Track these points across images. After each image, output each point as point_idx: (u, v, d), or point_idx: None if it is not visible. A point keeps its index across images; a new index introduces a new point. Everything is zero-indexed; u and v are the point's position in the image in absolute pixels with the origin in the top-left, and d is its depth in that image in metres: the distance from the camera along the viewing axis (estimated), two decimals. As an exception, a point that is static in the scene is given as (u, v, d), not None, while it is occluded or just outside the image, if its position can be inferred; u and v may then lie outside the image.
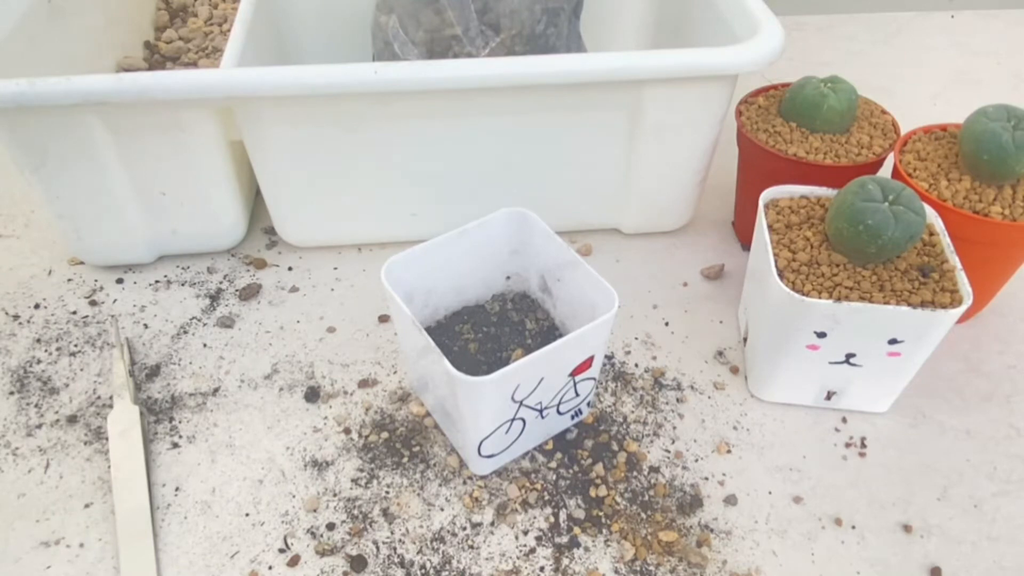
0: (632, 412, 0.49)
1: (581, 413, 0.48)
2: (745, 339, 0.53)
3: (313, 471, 0.46)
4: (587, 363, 0.43)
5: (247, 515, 0.44)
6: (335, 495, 0.45)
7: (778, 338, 0.46)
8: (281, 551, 0.42)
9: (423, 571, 0.42)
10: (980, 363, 0.53)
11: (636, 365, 0.52)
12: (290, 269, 0.60)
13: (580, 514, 0.44)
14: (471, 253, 0.49)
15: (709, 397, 0.50)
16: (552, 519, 0.44)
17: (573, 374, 0.43)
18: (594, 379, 0.46)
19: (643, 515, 0.44)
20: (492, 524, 0.44)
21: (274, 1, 0.65)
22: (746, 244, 0.61)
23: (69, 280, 0.59)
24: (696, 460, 0.47)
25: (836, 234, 0.44)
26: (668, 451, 0.47)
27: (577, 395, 0.46)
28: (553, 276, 0.49)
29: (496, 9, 0.57)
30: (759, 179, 0.52)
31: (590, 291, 0.44)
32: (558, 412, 0.46)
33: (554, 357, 0.40)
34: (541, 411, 0.44)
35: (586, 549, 0.43)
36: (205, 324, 0.55)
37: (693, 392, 0.51)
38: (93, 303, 0.57)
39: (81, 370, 0.52)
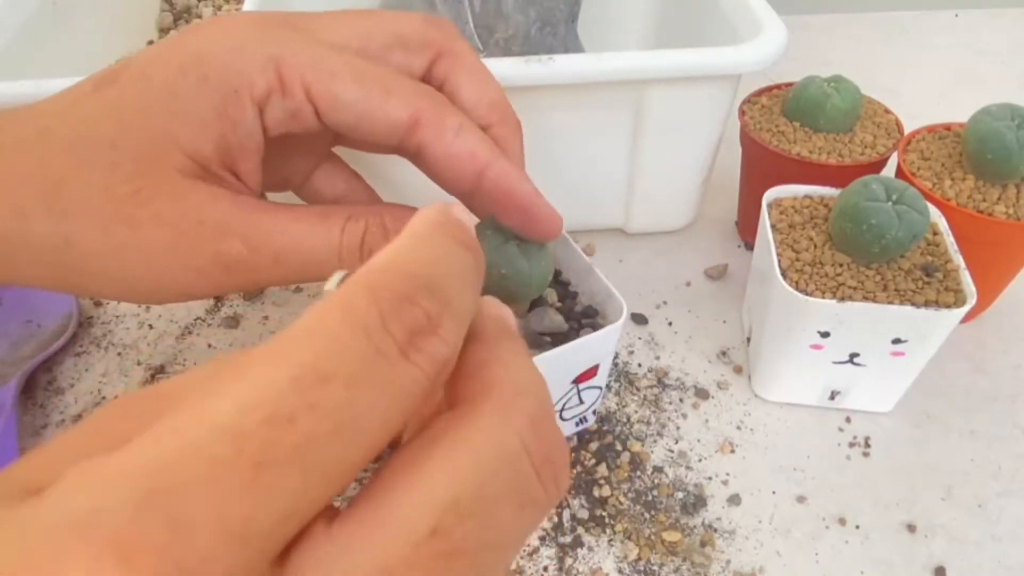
0: (636, 412, 0.49)
1: (586, 421, 0.48)
2: (748, 339, 0.53)
3: (317, 471, 0.46)
4: (591, 372, 0.43)
5: (252, 515, 0.44)
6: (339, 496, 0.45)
7: (781, 338, 0.46)
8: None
9: (427, 571, 0.42)
10: (984, 363, 0.53)
11: (639, 365, 0.52)
12: (294, 269, 0.60)
13: (584, 514, 0.44)
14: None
15: (712, 397, 0.50)
16: (556, 519, 0.44)
17: (576, 382, 0.43)
18: (600, 388, 0.45)
19: (647, 515, 0.44)
20: (496, 524, 0.44)
21: (276, 2, 0.65)
22: (749, 244, 0.61)
23: (74, 281, 0.59)
24: (700, 460, 0.47)
25: (839, 234, 0.44)
26: (672, 451, 0.47)
27: (581, 403, 0.45)
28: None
29: (490, 13, 0.57)
30: (762, 179, 0.52)
31: (599, 298, 0.44)
32: (561, 418, 0.45)
33: (554, 363, 0.40)
34: (544, 413, 0.44)
35: (590, 549, 0.43)
36: (210, 324, 0.56)
37: (696, 392, 0.51)
38: (98, 303, 0.57)
39: (86, 371, 0.52)
